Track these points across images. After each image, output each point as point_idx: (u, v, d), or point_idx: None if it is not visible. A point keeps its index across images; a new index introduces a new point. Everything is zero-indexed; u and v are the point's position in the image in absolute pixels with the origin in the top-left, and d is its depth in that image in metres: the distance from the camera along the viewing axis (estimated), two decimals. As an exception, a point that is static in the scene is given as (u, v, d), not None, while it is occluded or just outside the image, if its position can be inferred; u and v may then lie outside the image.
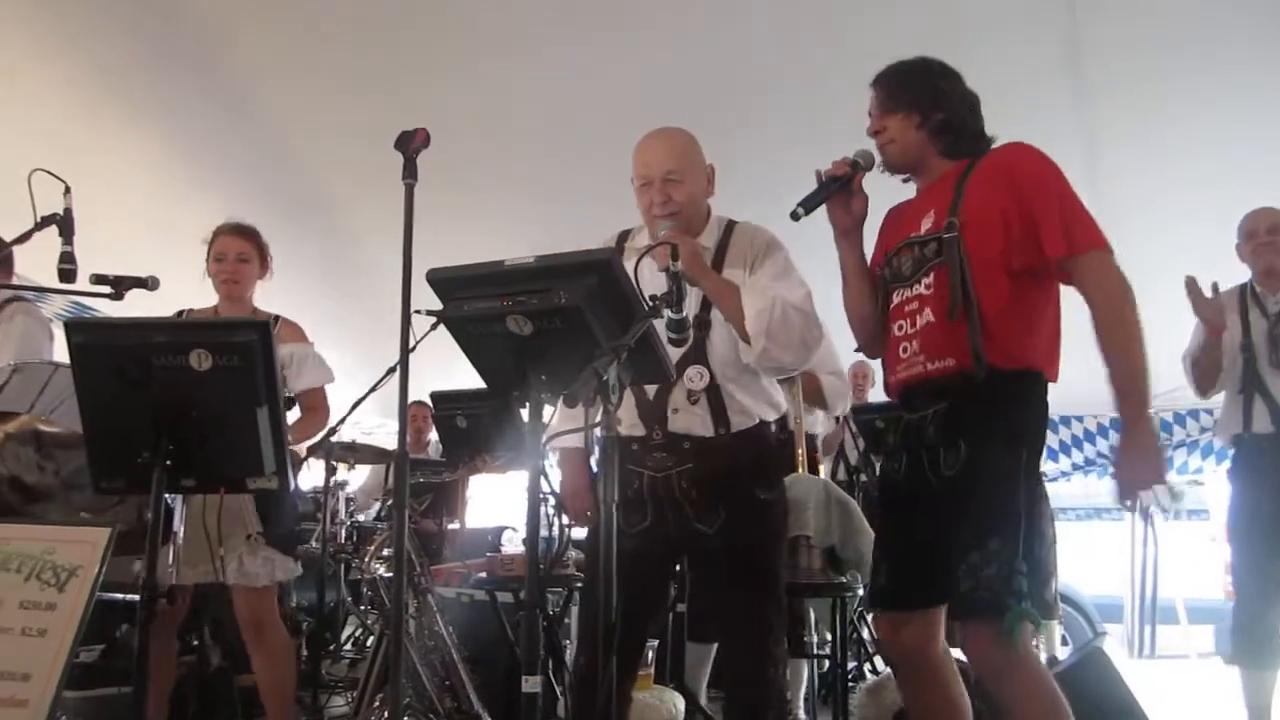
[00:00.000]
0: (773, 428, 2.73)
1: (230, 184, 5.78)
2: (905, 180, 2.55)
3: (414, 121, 2.53)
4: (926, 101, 2.41)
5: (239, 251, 3.49)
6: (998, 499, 2.17)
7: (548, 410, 2.03)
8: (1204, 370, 3.79)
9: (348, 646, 5.51)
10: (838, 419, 4.86)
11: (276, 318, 3.54)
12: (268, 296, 3.67)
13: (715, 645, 3.64)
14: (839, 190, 2.47)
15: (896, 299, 2.43)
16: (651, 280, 2.44)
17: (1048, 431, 2.36)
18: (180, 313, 3.57)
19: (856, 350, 2.70)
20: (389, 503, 5.23)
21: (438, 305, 2.09)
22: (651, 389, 2.55)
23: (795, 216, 2.41)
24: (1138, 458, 2.11)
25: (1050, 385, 2.33)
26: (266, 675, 3.26)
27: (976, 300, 2.23)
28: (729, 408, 2.57)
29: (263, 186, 5.78)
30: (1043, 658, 5.47)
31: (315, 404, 3.59)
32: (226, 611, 3.75)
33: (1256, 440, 3.72)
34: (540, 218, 5.61)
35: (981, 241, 2.25)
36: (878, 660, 4.48)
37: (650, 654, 3.37)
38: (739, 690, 2.60)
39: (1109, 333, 2.17)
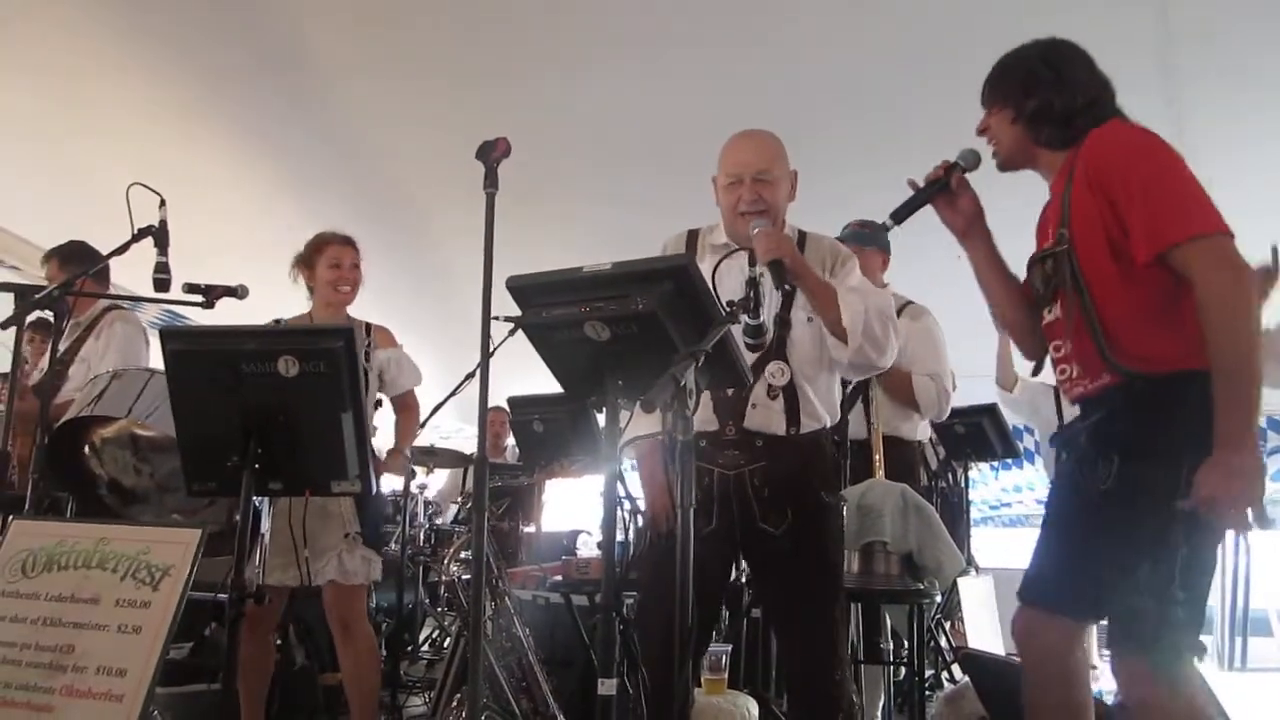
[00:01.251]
0: (832, 438, 2.75)
1: (314, 190, 5.93)
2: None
3: (499, 127, 2.57)
4: (1019, 92, 2.26)
5: (354, 260, 3.61)
6: (1149, 523, 1.97)
7: (624, 415, 2.05)
8: None
9: (425, 648, 5.60)
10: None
11: (368, 325, 3.63)
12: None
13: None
14: (939, 193, 2.36)
15: (1046, 317, 2.30)
16: (729, 282, 2.45)
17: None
18: (274, 323, 3.67)
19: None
20: (467, 506, 5.30)
21: (515, 311, 2.12)
22: None
23: (886, 228, 2.34)
24: (1217, 475, 1.86)
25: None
26: (352, 673, 3.34)
27: (1098, 315, 2.09)
28: (802, 408, 2.60)
29: (346, 192, 5.91)
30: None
31: (409, 404, 3.71)
32: (311, 611, 3.85)
33: None
34: (620, 227, 5.62)
35: (1090, 252, 2.11)
36: (955, 668, 4.41)
37: (724, 659, 3.37)
38: (806, 693, 2.61)
39: (1211, 332, 1.92)
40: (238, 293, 3.28)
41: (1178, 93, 4.68)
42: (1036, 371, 2.46)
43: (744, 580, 3.49)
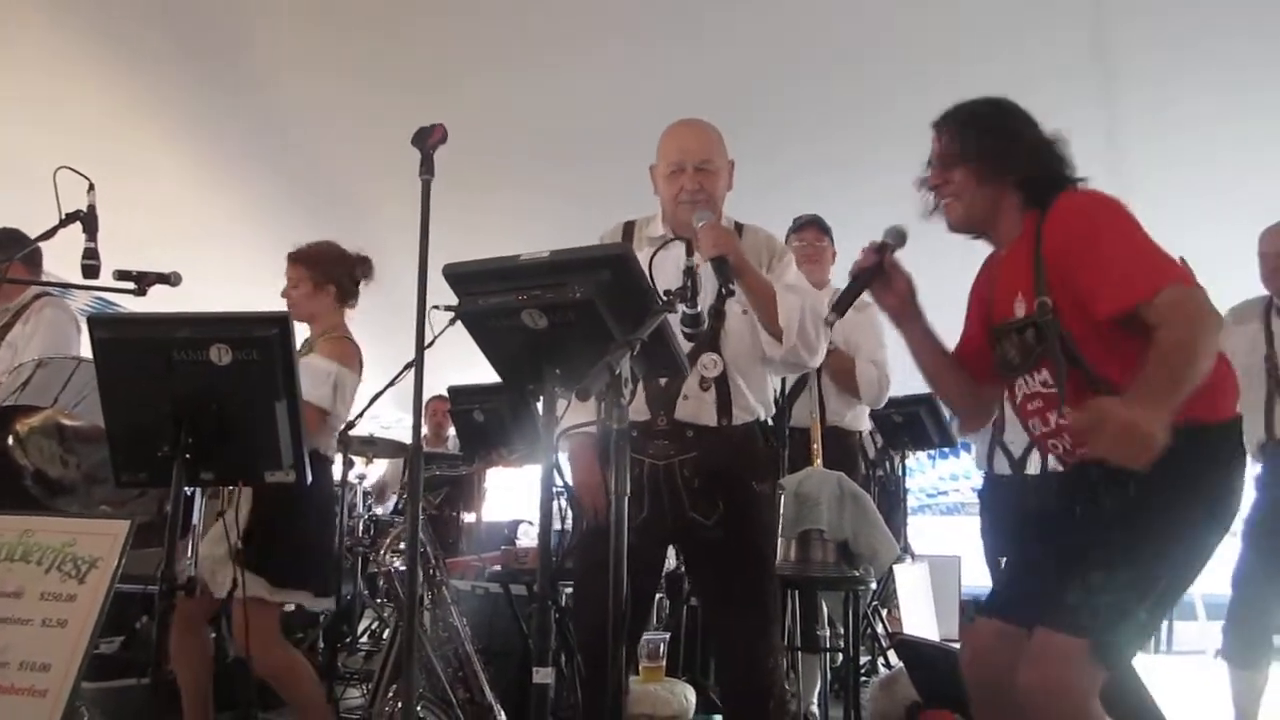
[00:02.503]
0: (765, 428, 2.76)
1: (251, 179, 5.83)
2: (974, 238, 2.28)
3: (436, 118, 2.55)
4: (998, 153, 2.14)
5: (291, 279, 3.51)
6: (1153, 537, 1.94)
7: (561, 404, 2.05)
8: None
9: (364, 639, 5.54)
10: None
11: (343, 338, 3.51)
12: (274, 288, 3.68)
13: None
14: (872, 280, 2.27)
15: (1019, 391, 2.17)
16: (666, 272, 2.45)
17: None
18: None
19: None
20: (405, 496, 5.26)
21: (455, 300, 2.11)
22: None
23: (829, 323, 2.32)
24: (1134, 433, 1.71)
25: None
26: (276, 688, 3.26)
27: (1102, 380, 1.98)
28: (734, 400, 2.61)
29: (283, 182, 5.83)
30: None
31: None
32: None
33: (1278, 446, 3.73)
34: (559, 216, 5.62)
35: (1078, 314, 2.00)
36: (891, 655, 4.48)
37: (662, 646, 3.39)
38: (738, 679, 2.64)
39: (1175, 354, 1.82)
40: (171, 280, 3.21)
41: (1112, 108, 4.80)
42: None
43: (683, 569, 3.51)
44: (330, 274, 3.54)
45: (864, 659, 4.75)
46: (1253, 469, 4.05)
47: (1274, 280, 3.78)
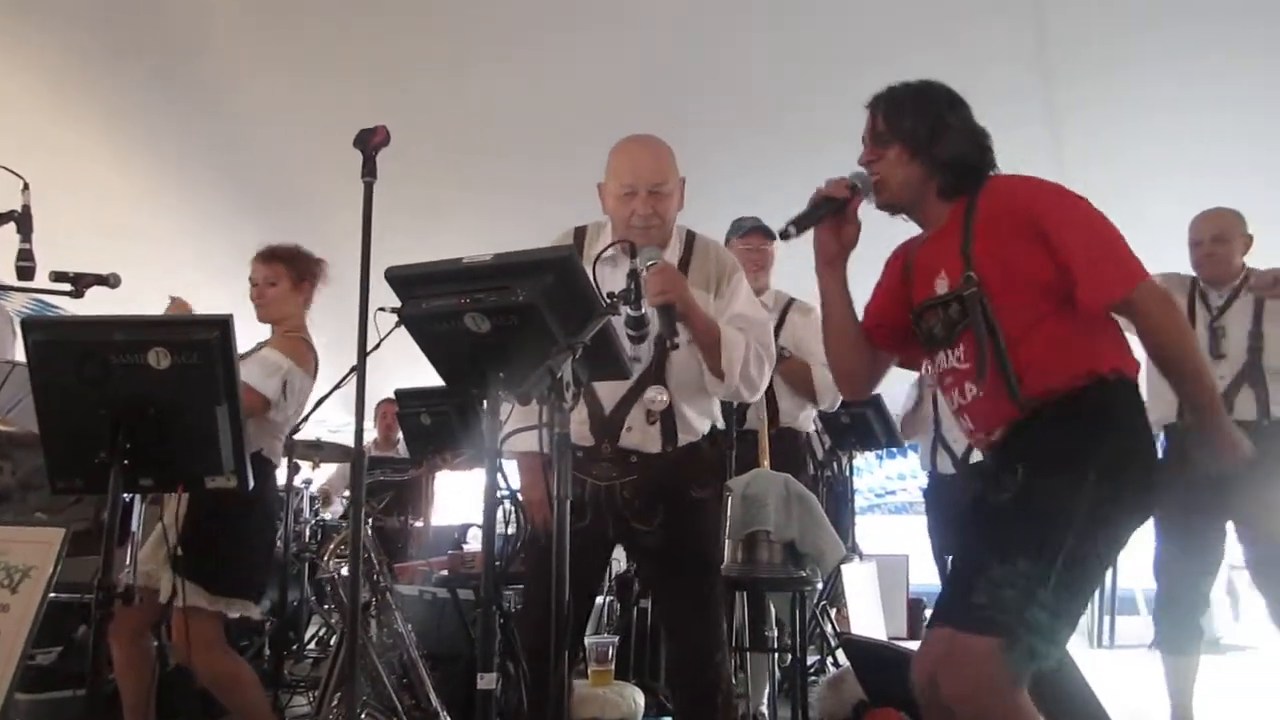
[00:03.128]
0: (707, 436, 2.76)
1: (195, 179, 5.75)
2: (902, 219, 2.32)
3: (381, 119, 2.53)
4: (928, 134, 2.16)
5: (264, 276, 3.47)
6: (1039, 520, 1.95)
7: (506, 408, 2.04)
8: None
9: (311, 646, 5.48)
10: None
11: (301, 338, 3.48)
12: (236, 291, 3.64)
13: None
14: (835, 212, 2.24)
15: (941, 364, 2.23)
16: (611, 278, 2.45)
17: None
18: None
19: None
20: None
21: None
22: (609, 404, 2.54)
23: (785, 236, 2.19)
24: (1229, 451, 2.09)
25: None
26: (228, 704, 3.22)
27: (1010, 356, 2.05)
28: (679, 428, 2.61)
29: (229, 185, 5.76)
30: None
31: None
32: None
33: (1190, 429, 3.76)
34: (510, 217, 5.61)
35: (1006, 292, 2.07)
36: (840, 654, 4.52)
37: (611, 650, 3.39)
38: (686, 677, 2.66)
39: (1170, 355, 2.07)
40: (109, 281, 3.15)
41: (1055, 97, 4.87)
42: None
43: (634, 572, 3.52)
44: (305, 273, 3.53)
45: (813, 659, 4.79)
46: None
47: (1204, 267, 3.83)
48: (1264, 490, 3.64)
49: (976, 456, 4.02)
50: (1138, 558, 7.29)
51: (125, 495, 2.56)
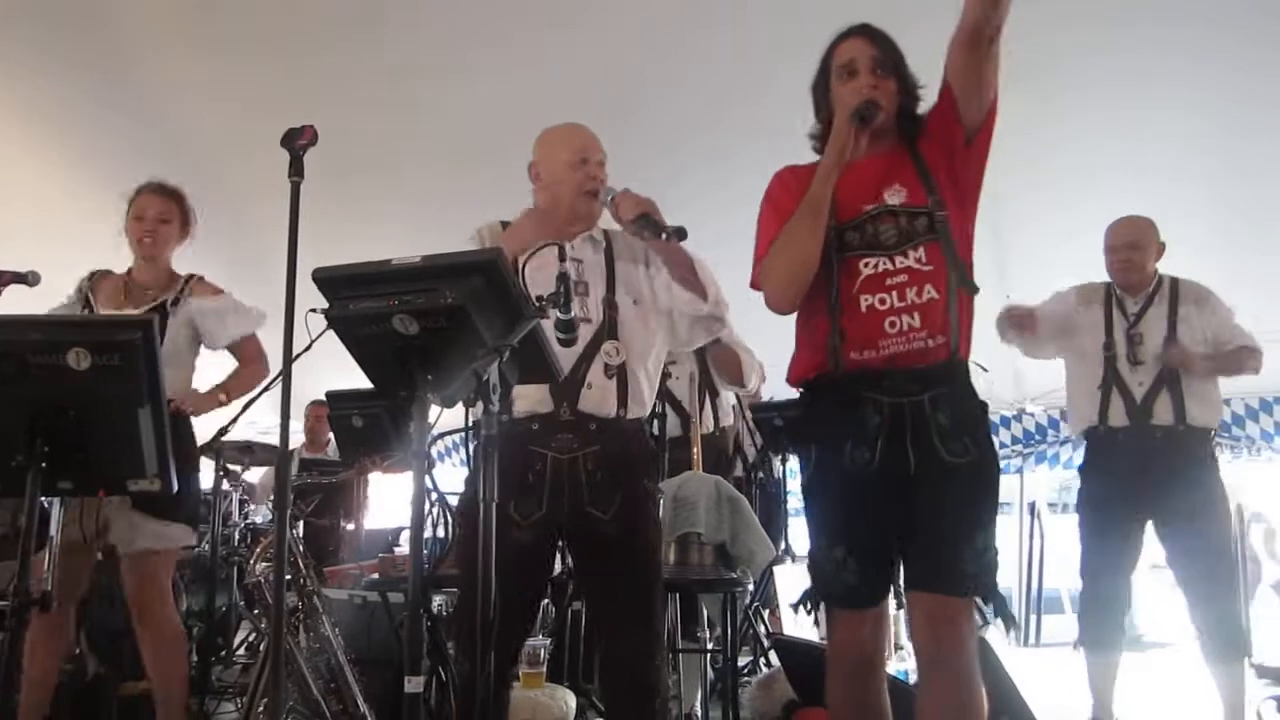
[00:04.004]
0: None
1: (116, 172, 5.59)
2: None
3: (314, 115, 2.50)
4: (908, 80, 2.40)
5: (160, 211, 3.42)
6: (994, 492, 2.27)
7: (435, 411, 2.03)
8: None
9: (241, 651, 5.40)
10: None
11: (191, 276, 3.47)
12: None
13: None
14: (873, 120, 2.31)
15: (867, 269, 2.30)
16: (540, 277, 2.46)
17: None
18: (93, 273, 3.47)
19: None
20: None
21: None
22: (568, 364, 2.51)
23: (865, 118, 2.27)
24: None
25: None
26: (155, 667, 3.17)
27: (960, 261, 2.28)
28: (631, 392, 2.62)
29: (150, 166, 5.63)
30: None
31: (250, 354, 3.50)
32: (112, 618, 3.66)
33: (1111, 432, 3.87)
34: (438, 220, 5.57)
35: (956, 210, 2.31)
36: (772, 655, 4.55)
37: (543, 652, 3.39)
38: (623, 679, 2.64)
39: None
40: (28, 279, 3.08)
41: None
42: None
43: (566, 574, 3.51)
44: (190, 218, 3.54)
45: (746, 660, 4.82)
46: (1078, 454, 4.27)
47: (1119, 273, 3.95)
48: (1182, 491, 3.75)
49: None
50: (1063, 557, 7.50)
51: (43, 499, 2.52)
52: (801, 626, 4.65)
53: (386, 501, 6.63)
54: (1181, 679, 4.43)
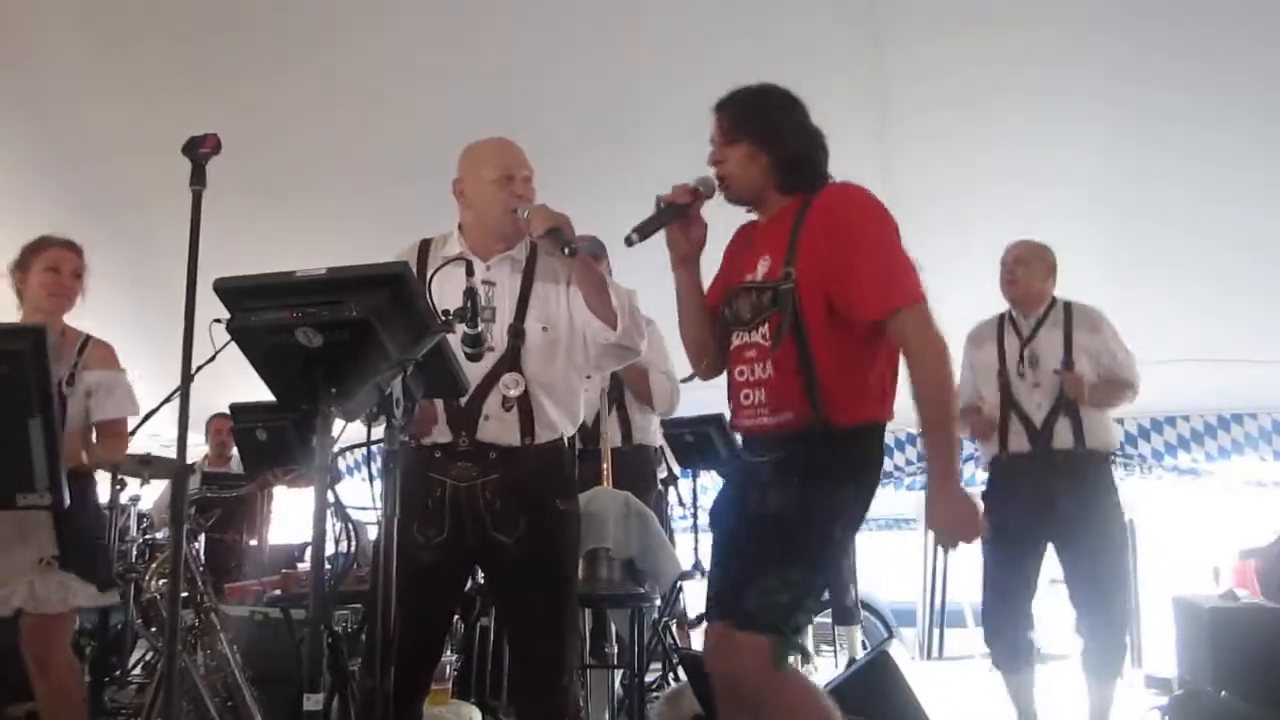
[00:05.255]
0: (568, 443, 2.76)
1: (16, 184, 5.45)
2: (749, 210, 2.52)
3: (224, 125, 2.45)
4: (766, 135, 2.37)
5: (75, 267, 3.33)
6: (812, 535, 2.24)
7: (339, 424, 2.01)
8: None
9: (137, 671, 5.23)
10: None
11: (88, 338, 3.36)
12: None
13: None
14: (677, 217, 2.42)
15: (736, 341, 2.41)
16: (449, 291, 2.45)
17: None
18: None
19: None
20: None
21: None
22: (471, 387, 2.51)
23: (629, 242, 2.35)
24: (954, 509, 2.17)
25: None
26: (49, 711, 3.07)
27: (812, 356, 2.24)
28: (537, 419, 2.59)
29: (56, 189, 5.47)
30: (843, 660, 5.74)
31: (116, 432, 3.43)
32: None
33: (1012, 460, 3.95)
34: (355, 232, 5.51)
35: (813, 296, 2.26)
36: (681, 670, 4.57)
37: (449, 668, 3.36)
38: (534, 699, 2.63)
39: (924, 389, 2.20)
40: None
41: (888, 108, 5.01)
42: (692, 379, 2.64)
43: (475, 591, 3.48)
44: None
45: (655, 675, 4.83)
46: (980, 470, 4.36)
47: (1006, 286, 4.04)
48: (1081, 514, 3.83)
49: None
50: (965, 574, 7.67)
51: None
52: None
53: (291, 516, 6.50)
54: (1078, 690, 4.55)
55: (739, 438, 2.53)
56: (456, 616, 4.09)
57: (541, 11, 4.54)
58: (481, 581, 3.26)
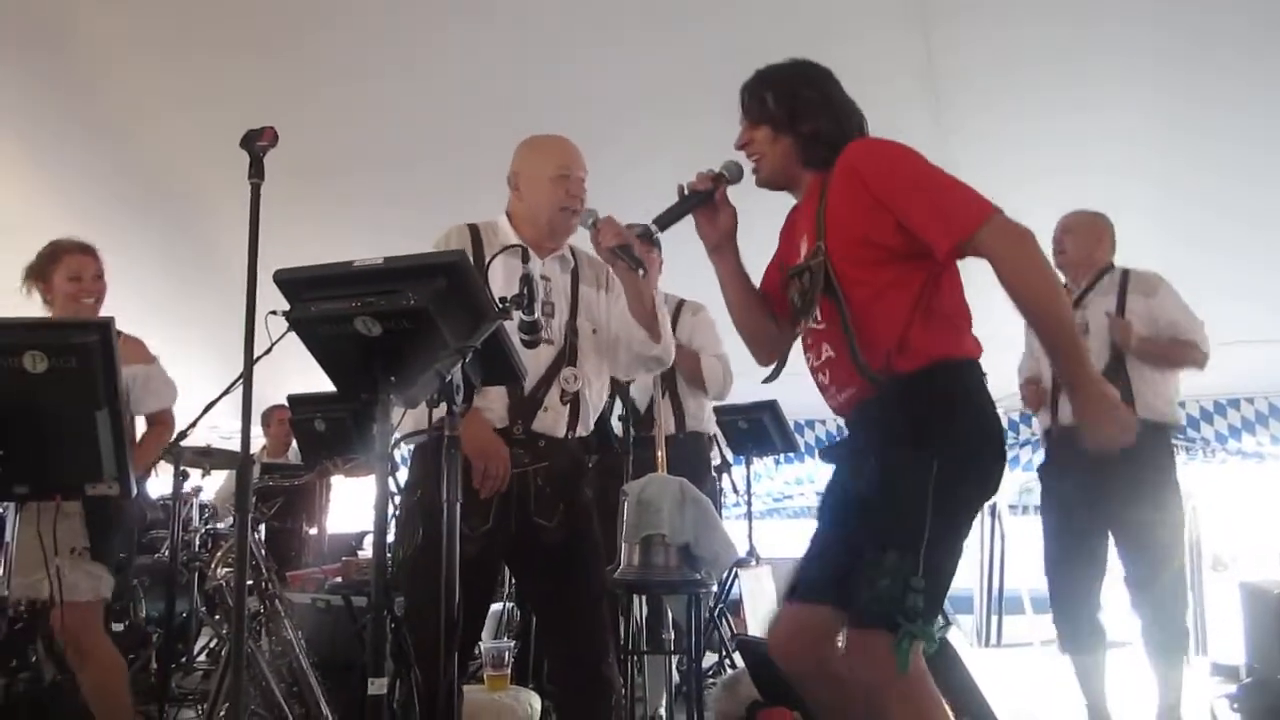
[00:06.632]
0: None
1: (76, 176, 5.55)
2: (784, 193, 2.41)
3: (278, 117, 2.48)
4: (786, 116, 2.28)
5: (96, 270, 3.40)
6: (899, 510, 2.04)
7: (398, 413, 2.03)
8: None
9: (202, 658, 5.34)
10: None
11: (119, 334, 3.43)
12: (125, 293, 3.55)
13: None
14: (701, 204, 2.36)
15: (800, 330, 2.33)
16: (503, 278, 2.46)
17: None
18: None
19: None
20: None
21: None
22: (529, 384, 2.58)
23: (649, 234, 2.33)
24: (1098, 413, 2.00)
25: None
26: (94, 693, 3.13)
27: (853, 322, 2.13)
28: (581, 415, 2.71)
29: (112, 179, 5.57)
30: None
31: (162, 420, 3.50)
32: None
33: (1063, 432, 3.80)
34: (403, 223, 5.56)
35: (850, 260, 2.15)
36: (737, 657, 4.57)
37: (508, 655, 3.38)
38: (575, 682, 2.68)
39: (1026, 302, 2.03)
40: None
41: (941, 103, 4.97)
42: (772, 378, 2.47)
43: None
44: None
45: (712, 661, 4.84)
46: (1038, 455, 4.26)
47: (1058, 259, 3.92)
48: (1138, 497, 3.68)
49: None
50: (1024, 558, 7.58)
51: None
52: (765, 627, 4.67)
53: (350, 505, 6.59)
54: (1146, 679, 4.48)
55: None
56: (513, 604, 4.14)
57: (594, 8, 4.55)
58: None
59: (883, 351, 2.12)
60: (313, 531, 5.70)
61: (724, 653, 4.88)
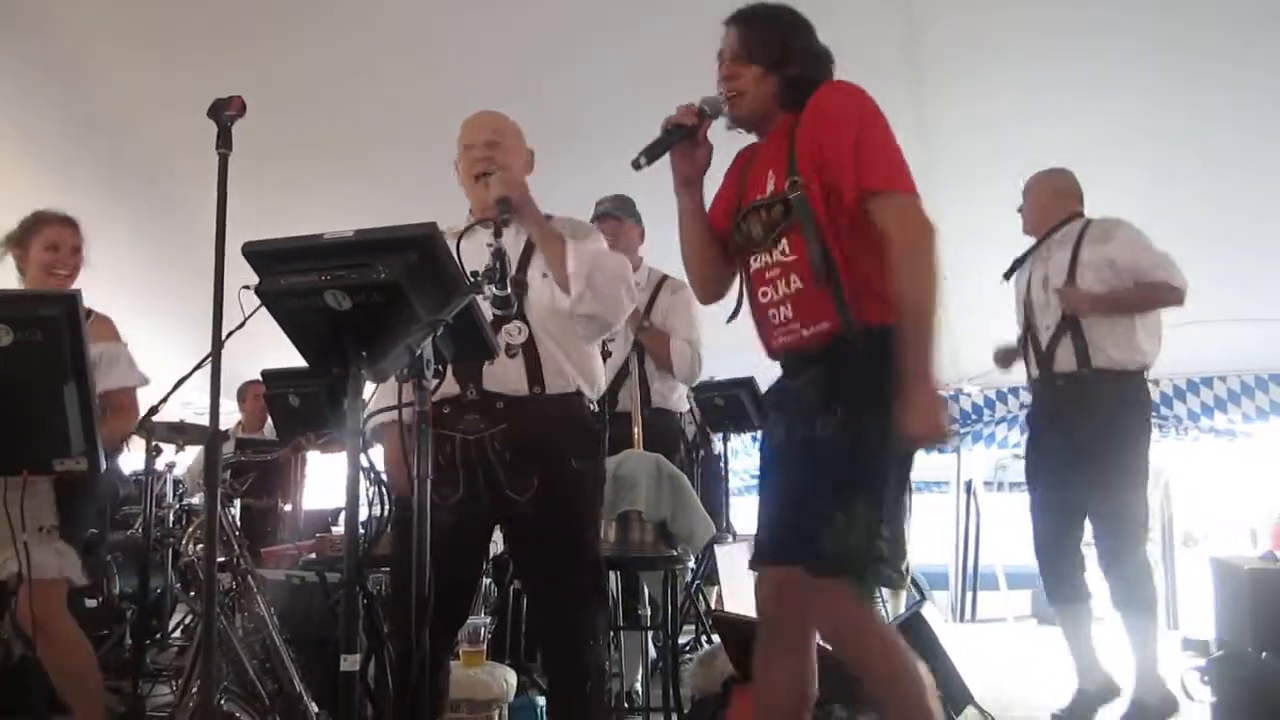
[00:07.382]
0: (590, 405, 2.73)
1: (53, 157, 5.49)
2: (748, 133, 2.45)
3: (252, 90, 2.44)
4: (779, 58, 2.32)
5: (75, 243, 3.34)
6: (867, 463, 2.11)
7: (370, 387, 2.01)
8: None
9: (177, 634, 5.32)
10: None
11: (89, 311, 3.37)
12: (100, 269, 3.50)
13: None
14: (684, 139, 2.37)
15: (754, 264, 2.36)
16: (475, 259, 2.43)
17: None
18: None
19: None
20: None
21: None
22: None
23: (637, 166, 2.31)
24: (918, 412, 2.06)
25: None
26: (59, 671, 3.07)
27: (834, 259, 2.16)
28: (545, 366, 2.58)
29: (87, 155, 5.51)
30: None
31: (123, 404, 3.39)
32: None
33: (1031, 385, 3.97)
34: (380, 202, 5.52)
35: (820, 197, 2.19)
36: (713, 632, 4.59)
37: (483, 630, 3.38)
38: (558, 661, 2.64)
39: (900, 277, 2.10)
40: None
41: (921, 76, 4.95)
42: (733, 318, 2.50)
43: (506, 553, 3.50)
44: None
45: (688, 637, 4.86)
46: (1014, 433, 4.30)
47: (1023, 223, 3.99)
48: (1087, 438, 3.68)
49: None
50: (999, 535, 7.66)
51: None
52: (742, 604, 4.69)
53: (324, 481, 6.55)
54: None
55: (778, 366, 2.40)
56: (489, 580, 4.13)
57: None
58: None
59: (855, 299, 2.17)
60: (288, 508, 5.67)
61: (700, 629, 4.90)
